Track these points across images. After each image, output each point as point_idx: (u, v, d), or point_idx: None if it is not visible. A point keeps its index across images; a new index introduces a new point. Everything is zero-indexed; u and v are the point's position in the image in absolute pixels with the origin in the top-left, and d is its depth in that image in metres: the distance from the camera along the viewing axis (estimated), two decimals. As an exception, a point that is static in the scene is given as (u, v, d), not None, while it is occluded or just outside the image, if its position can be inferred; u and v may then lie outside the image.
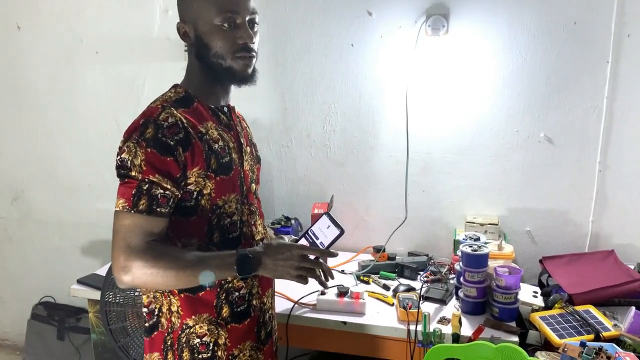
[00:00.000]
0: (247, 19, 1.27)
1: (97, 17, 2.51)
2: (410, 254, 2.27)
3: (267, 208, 2.39)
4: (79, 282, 2.13)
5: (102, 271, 2.12)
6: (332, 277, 1.35)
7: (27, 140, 2.72)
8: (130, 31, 2.48)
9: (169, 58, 2.44)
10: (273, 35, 2.32)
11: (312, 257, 1.29)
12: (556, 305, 1.81)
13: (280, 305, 1.84)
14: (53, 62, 2.60)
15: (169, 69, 2.39)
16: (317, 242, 1.37)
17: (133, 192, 1.17)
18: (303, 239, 1.39)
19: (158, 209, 1.19)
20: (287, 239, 1.34)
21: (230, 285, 1.32)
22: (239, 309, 1.34)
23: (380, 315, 1.84)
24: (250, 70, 1.30)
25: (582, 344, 1.47)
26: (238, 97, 1.53)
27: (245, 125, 1.50)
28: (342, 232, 1.34)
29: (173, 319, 1.30)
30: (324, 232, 1.37)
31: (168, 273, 1.17)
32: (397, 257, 2.22)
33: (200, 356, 1.30)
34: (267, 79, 2.37)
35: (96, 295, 2.00)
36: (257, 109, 2.41)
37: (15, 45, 2.63)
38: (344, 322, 1.80)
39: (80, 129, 2.64)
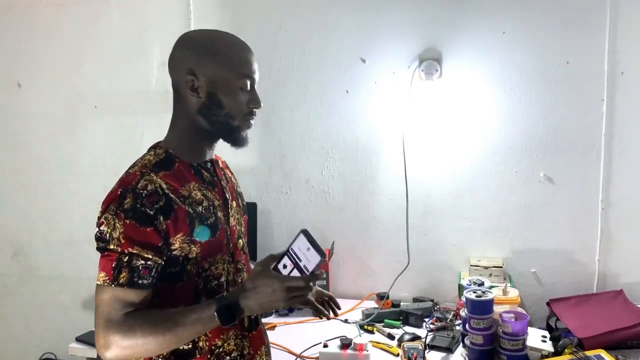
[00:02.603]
0: (255, 83, 1.29)
1: (96, 72, 2.55)
2: (415, 300, 2.23)
3: (268, 257, 2.37)
4: (78, 340, 2.09)
5: (101, 328, 2.08)
6: (339, 307, 1.50)
7: (27, 195, 2.73)
8: (128, 85, 2.52)
9: (167, 110, 2.43)
10: (269, 83, 2.34)
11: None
12: (566, 350, 1.75)
13: (282, 359, 1.79)
14: (53, 117, 2.63)
15: (167, 120, 2.39)
16: (301, 264, 1.19)
17: (113, 266, 1.13)
18: (286, 257, 1.21)
19: (140, 281, 1.14)
20: (264, 262, 1.20)
21: (221, 349, 1.26)
22: None
23: (385, 366, 1.79)
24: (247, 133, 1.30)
25: (594, 394, 1.42)
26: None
27: (230, 174, 1.45)
28: (323, 256, 1.19)
29: None
30: (305, 254, 1.19)
31: (147, 341, 1.12)
32: (401, 304, 2.17)
33: None
34: (265, 127, 2.39)
35: (94, 353, 1.96)
36: (255, 156, 2.41)
37: (15, 102, 2.67)
38: (348, 376, 1.75)
39: (79, 183, 2.65)
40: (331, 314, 1.60)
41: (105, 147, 2.59)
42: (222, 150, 1.36)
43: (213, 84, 1.22)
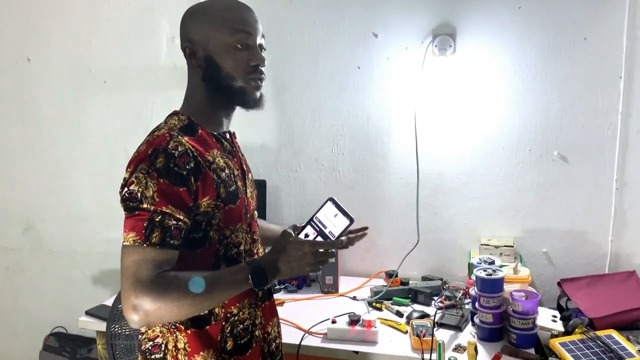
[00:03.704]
0: (257, 42, 1.27)
1: (105, 47, 2.53)
2: (424, 279, 2.22)
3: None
4: (87, 313, 2.10)
5: (111, 301, 2.10)
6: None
7: (37, 170, 2.73)
8: (138, 60, 2.50)
9: (176, 85, 2.42)
10: (279, 59, 2.31)
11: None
12: (576, 330, 1.74)
13: (291, 335, 1.79)
14: (62, 92, 2.62)
15: (177, 96, 2.36)
16: (326, 231, 1.26)
17: (145, 225, 1.11)
18: (309, 226, 1.28)
19: (171, 241, 1.13)
20: (290, 230, 1.27)
21: (235, 318, 1.28)
22: (242, 341, 1.29)
23: (393, 343, 1.78)
24: (259, 94, 1.29)
25: (605, 373, 1.41)
26: (245, 123, 1.51)
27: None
28: (351, 221, 1.25)
29: (180, 356, 1.24)
30: (331, 220, 1.26)
31: (183, 302, 1.11)
32: (410, 282, 2.16)
33: None
34: (274, 104, 2.36)
35: (104, 327, 1.97)
36: (265, 134, 2.40)
37: (25, 76, 2.66)
38: (356, 352, 1.74)
39: (89, 158, 2.65)
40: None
41: (114, 122, 2.58)
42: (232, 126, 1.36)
43: (207, 47, 1.24)
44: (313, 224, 1.27)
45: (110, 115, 2.58)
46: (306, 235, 1.26)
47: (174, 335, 1.24)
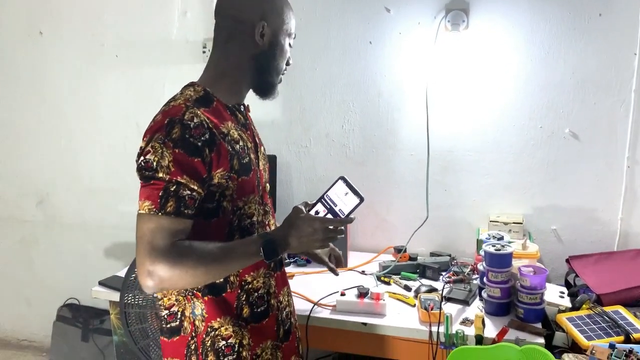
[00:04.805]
0: None
1: (117, 21, 2.53)
2: (433, 254, 2.24)
3: (286, 209, 2.36)
4: (101, 284, 2.14)
5: (123, 273, 2.13)
6: (336, 273, 1.61)
7: (50, 143, 2.76)
8: (149, 34, 2.50)
9: (188, 60, 2.45)
10: (290, 34, 2.30)
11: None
12: (584, 305, 1.76)
13: (300, 306, 1.82)
14: (74, 66, 2.64)
15: (188, 70, 2.36)
16: (336, 209, 1.29)
17: (160, 194, 1.13)
18: (319, 203, 1.31)
19: (186, 211, 1.16)
20: (302, 206, 1.30)
21: (250, 286, 1.31)
22: (258, 310, 1.33)
23: (401, 316, 1.80)
24: None
25: (611, 346, 1.42)
26: (256, 99, 1.51)
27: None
28: (361, 200, 1.28)
29: (197, 322, 1.28)
30: (342, 199, 1.29)
31: (197, 271, 1.15)
32: (418, 258, 2.18)
33: (225, 359, 1.28)
34: (285, 79, 2.27)
35: (117, 297, 2.00)
36: (276, 109, 2.40)
37: (37, 50, 2.67)
38: (364, 324, 1.77)
39: (102, 132, 2.67)
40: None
41: (126, 96, 2.59)
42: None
43: (276, 35, 1.30)
44: (324, 201, 1.30)
45: (122, 89, 2.60)
46: (317, 213, 1.29)
47: (192, 302, 1.27)
